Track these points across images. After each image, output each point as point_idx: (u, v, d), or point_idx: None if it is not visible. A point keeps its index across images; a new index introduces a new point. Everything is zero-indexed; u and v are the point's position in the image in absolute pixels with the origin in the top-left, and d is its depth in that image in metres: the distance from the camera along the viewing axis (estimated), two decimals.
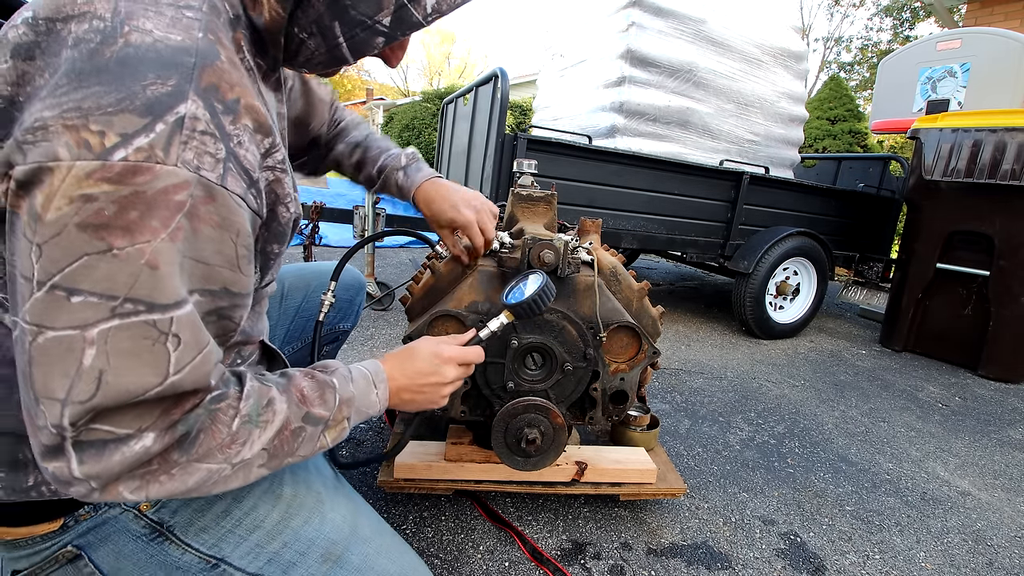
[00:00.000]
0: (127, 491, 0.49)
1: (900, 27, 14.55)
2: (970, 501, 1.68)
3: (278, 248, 0.63)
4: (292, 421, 0.59)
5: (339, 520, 0.69)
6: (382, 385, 0.71)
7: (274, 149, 0.56)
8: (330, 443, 0.63)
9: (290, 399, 0.59)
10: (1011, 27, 4.64)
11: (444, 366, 0.76)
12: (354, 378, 0.68)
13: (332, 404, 0.63)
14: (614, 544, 1.28)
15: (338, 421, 0.64)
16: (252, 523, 0.65)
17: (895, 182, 4.14)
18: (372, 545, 0.69)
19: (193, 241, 0.47)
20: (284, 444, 0.58)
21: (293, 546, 0.65)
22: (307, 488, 0.70)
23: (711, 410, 2.14)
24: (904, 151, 7.87)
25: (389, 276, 3.83)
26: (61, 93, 0.43)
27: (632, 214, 3.04)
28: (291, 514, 0.67)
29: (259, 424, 0.56)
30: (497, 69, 2.78)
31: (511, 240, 1.19)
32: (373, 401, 0.69)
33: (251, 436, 0.55)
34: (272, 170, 0.57)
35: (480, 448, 1.29)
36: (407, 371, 0.74)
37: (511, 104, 12.72)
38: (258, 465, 0.57)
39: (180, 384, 0.49)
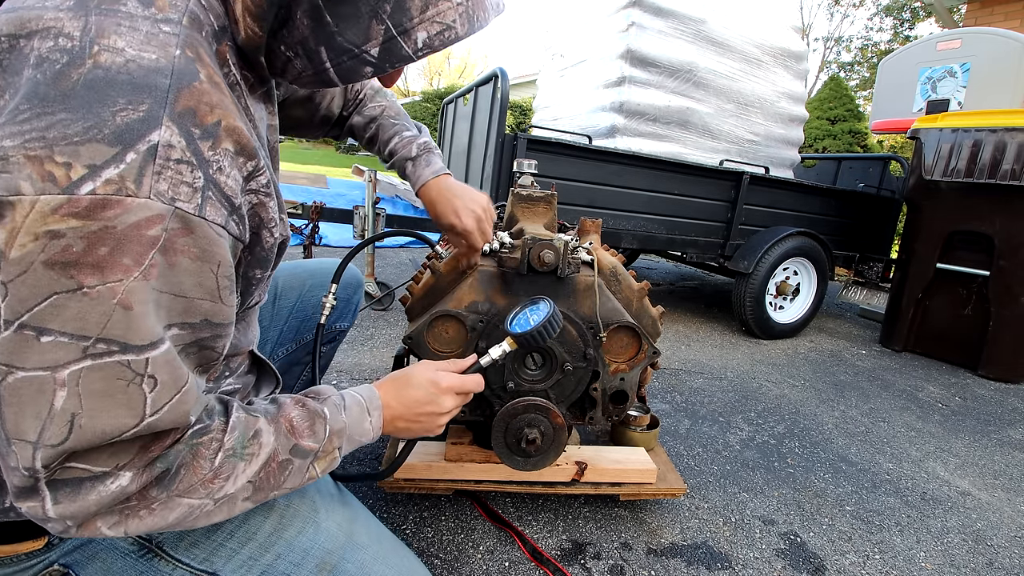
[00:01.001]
0: (105, 527, 0.48)
1: (900, 27, 14.56)
2: (970, 501, 1.68)
3: (261, 273, 0.62)
4: (279, 453, 0.57)
5: (334, 528, 0.68)
6: (376, 413, 0.68)
7: (258, 172, 0.54)
8: (319, 473, 0.62)
9: (278, 430, 0.58)
10: (1011, 27, 4.64)
11: (441, 396, 0.74)
12: (347, 406, 0.65)
13: (322, 436, 0.61)
14: (614, 544, 1.28)
15: (328, 452, 0.62)
16: (244, 535, 0.63)
17: (895, 182, 4.14)
18: (369, 552, 0.68)
19: (169, 276, 0.45)
20: (271, 477, 0.57)
21: (287, 557, 0.64)
22: (301, 497, 0.68)
23: (711, 410, 2.14)
24: (904, 151, 7.87)
25: (389, 276, 3.83)
26: (23, 120, 0.40)
27: (632, 214, 3.04)
28: (284, 524, 0.65)
29: (244, 457, 0.54)
30: (497, 69, 2.78)
31: (511, 240, 1.19)
32: (367, 429, 0.67)
33: (235, 470, 0.54)
34: (256, 193, 0.55)
35: (480, 448, 1.29)
36: (403, 399, 0.71)
37: (511, 104, 12.74)
38: (243, 499, 0.55)
39: (157, 424, 0.47)
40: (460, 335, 1.11)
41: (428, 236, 1.38)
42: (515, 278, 1.10)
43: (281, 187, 2.38)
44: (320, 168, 12.74)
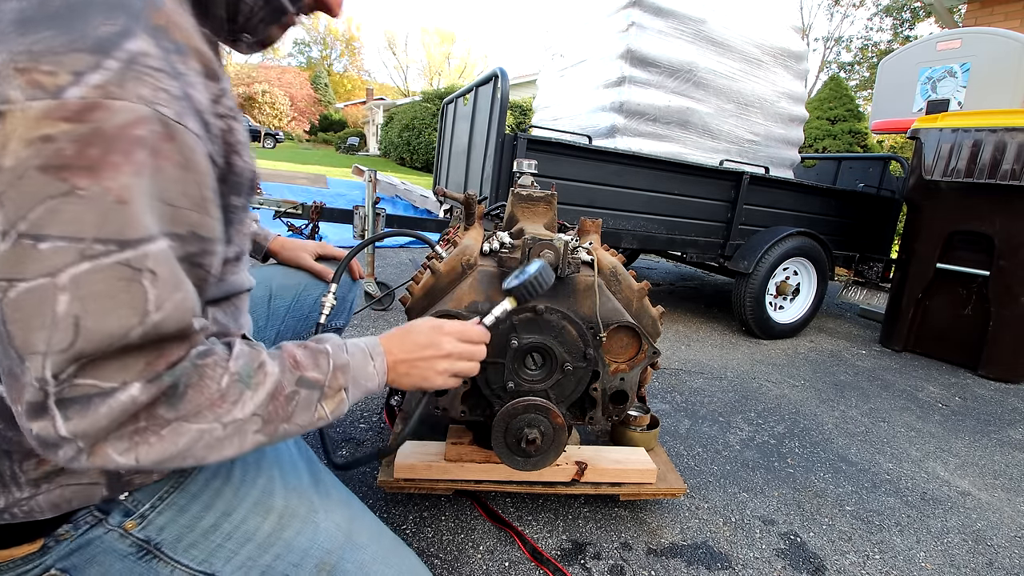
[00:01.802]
0: (116, 453, 0.48)
1: (900, 27, 14.56)
2: (970, 501, 1.68)
3: (237, 200, 0.61)
4: (286, 385, 0.58)
5: (333, 528, 0.67)
6: (379, 358, 0.69)
7: (223, 95, 0.56)
8: (329, 414, 0.62)
9: (282, 363, 0.59)
10: (1011, 27, 4.64)
11: (443, 338, 0.75)
12: (349, 350, 0.66)
13: (326, 368, 0.61)
14: (614, 544, 1.28)
15: (335, 390, 0.62)
16: (243, 536, 0.63)
17: (895, 182, 4.14)
18: (368, 551, 0.68)
19: (158, 179, 0.46)
20: (279, 409, 0.57)
21: (286, 558, 0.64)
22: (300, 497, 0.68)
23: (711, 410, 2.14)
24: (904, 151, 7.87)
25: (389, 276, 3.83)
26: (9, 40, 0.42)
27: (632, 214, 3.04)
28: (283, 525, 0.65)
29: (251, 385, 0.55)
30: (497, 69, 2.78)
31: (511, 240, 1.19)
32: (371, 373, 0.67)
33: (243, 396, 0.54)
34: (224, 118, 0.56)
35: (480, 448, 1.29)
36: (405, 344, 0.73)
37: (511, 104, 12.75)
38: (253, 431, 0.55)
39: (162, 325, 0.47)
40: None
41: (428, 236, 1.38)
42: None
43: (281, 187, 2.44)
44: (320, 168, 12.74)
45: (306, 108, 34.48)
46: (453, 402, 1.14)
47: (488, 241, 1.23)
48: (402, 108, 19.30)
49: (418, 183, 8.81)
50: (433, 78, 42.24)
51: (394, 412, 1.69)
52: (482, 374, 1.12)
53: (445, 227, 2.75)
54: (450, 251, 1.19)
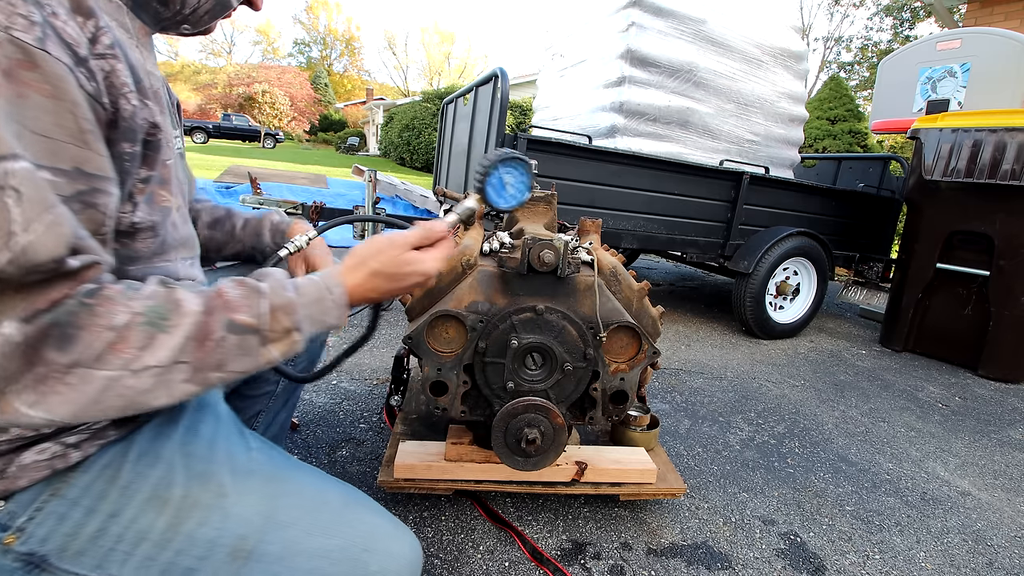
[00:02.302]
0: (24, 405, 0.46)
1: (900, 27, 14.56)
2: (970, 501, 1.68)
3: (129, 148, 0.58)
4: (213, 328, 0.54)
5: (247, 511, 0.63)
6: (337, 288, 0.64)
7: (100, 33, 0.53)
8: (279, 357, 0.59)
9: (208, 303, 0.54)
10: (1011, 27, 4.64)
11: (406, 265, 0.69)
12: (299, 285, 0.62)
13: (260, 311, 0.57)
14: (614, 544, 1.28)
15: (280, 333, 0.58)
16: (136, 536, 0.59)
17: (895, 182, 4.14)
18: (299, 527, 0.64)
19: (21, 107, 0.45)
20: (207, 355, 0.53)
21: (190, 552, 0.60)
22: (203, 483, 0.64)
23: (711, 410, 2.14)
24: (904, 151, 7.87)
25: None
26: None
27: (632, 214, 3.04)
28: (181, 518, 0.61)
29: (163, 328, 0.51)
30: (497, 69, 2.78)
31: (511, 240, 1.19)
32: (328, 307, 0.63)
33: (153, 340, 0.50)
34: (104, 58, 0.53)
35: (480, 448, 1.29)
36: (369, 264, 0.68)
37: (511, 104, 12.76)
38: (181, 380, 0.52)
39: (32, 249, 0.44)
40: (460, 335, 1.11)
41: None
42: (515, 278, 1.10)
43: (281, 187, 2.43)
44: (320, 168, 12.74)
45: (306, 108, 34.48)
46: (453, 402, 1.14)
47: (488, 241, 1.23)
48: (402, 108, 19.30)
49: (418, 183, 8.81)
50: (433, 78, 42.27)
51: (394, 412, 1.69)
52: (482, 374, 1.12)
53: None
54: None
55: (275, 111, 30.98)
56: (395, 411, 1.63)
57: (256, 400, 1.14)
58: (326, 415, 1.76)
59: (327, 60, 47.52)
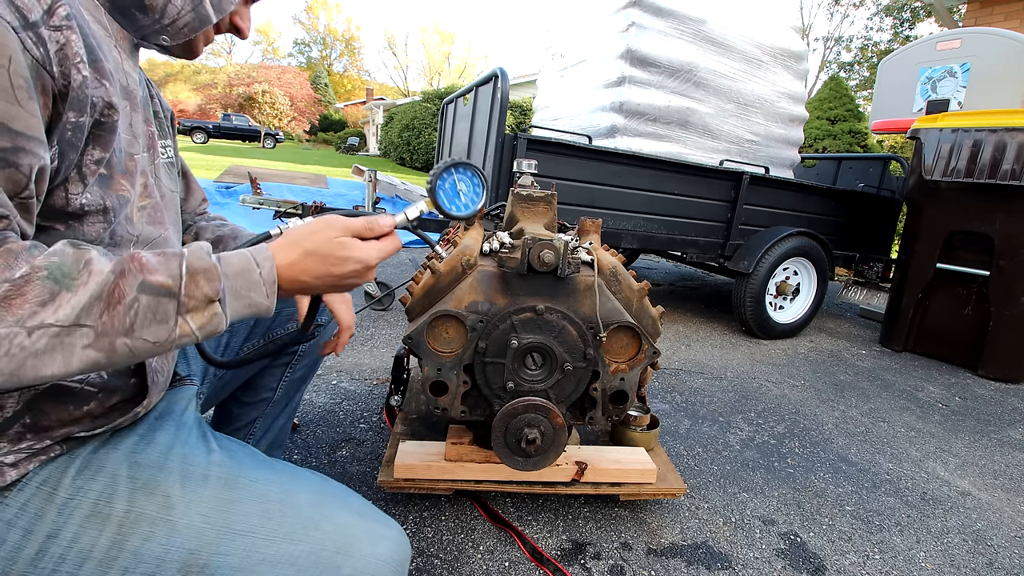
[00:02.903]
0: None
1: (900, 27, 14.56)
2: (970, 501, 1.68)
3: (75, 117, 0.55)
4: (125, 290, 0.49)
5: (198, 521, 0.60)
6: (267, 263, 0.58)
7: (57, 5, 0.53)
8: (196, 330, 0.53)
9: (122, 264, 0.50)
10: (1011, 27, 4.64)
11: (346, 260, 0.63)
12: (223, 257, 0.57)
13: (176, 272, 0.52)
14: (614, 544, 1.28)
15: (200, 301, 0.52)
16: (78, 556, 0.57)
17: (895, 182, 4.14)
18: (259, 534, 0.61)
19: None
20: (114, 319, 0.48)
21: (137, 569, 0.58)
22: (148, 495, 0.60)
23: (711, 410, 2.14)
24: (904, 151, 7.87)
25: (389, 276, 3.83)
26: None
27: (632, 214, 3.04)
28: (125, 534, 0.58)
29: (67, 286, 0.47)
30: (497, 69, 2.78)
31: (511, 240, 1.19)
32: (255, 281, 0.57)
33: (56, 298, 0.46)
34: (59, 30, 0.52)
35: (480, 448, 1.29)
36: (303, 244, 0.61)
37: (511, 104, 12.76)
38: (82, 345, 0.47)
39: None
40: (460, 335, 1.11)
41: (428, 236, 1.38)
42: (515, 278, 1.10)
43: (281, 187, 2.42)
44: (320, 168, 12.74)
45: (306, 108, 34.48)
46: (453, 402, 1.14)
47: (488, 241, 1.23)
48: (402, 108, 19.30)
49: (418, 183, 8.81)
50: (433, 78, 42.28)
51: (394, 412, 1.69)
52: (482, 374, 1.12)
53: (445, 227, 2.75)
54: (450, 251, 1.18)
55: (275, 111, 30.97)
56: (395, 411, 1.63)
57: (253, 407, 1.13)
58: (326, 415, 1.76)
59: (327, 60, 47.52)
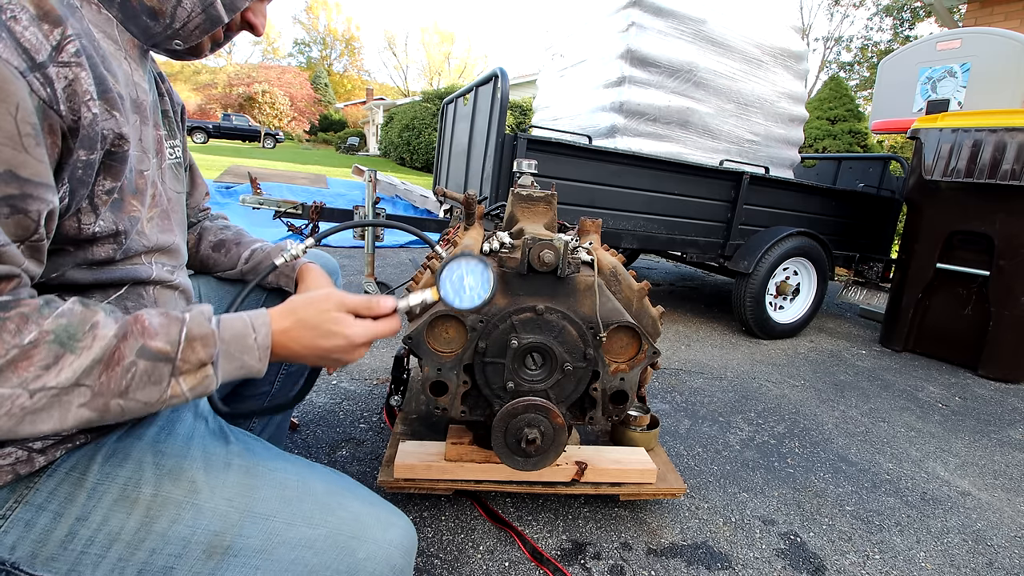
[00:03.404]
0: None
1: (900, 27, 14.56)
2: (970, 501, 1.68)
3: (85, 155, 0.56)
4: (125, 353, 0.52)
5: (222, 505, 0.62)
6: (263, 329, 0.61)
7: (66, 41, 0.52)
8: (187, 391, 0.55)
9: (125, 327, 0.53)
10: (1011, 27, 4.64)
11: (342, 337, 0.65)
12: (223, 319, 0.60)
13: (175, 338, 0.54)
14: (614, 544, 1.28)
15: (193, 365, 0.55)
16: (107, 538, 0.59)
17: (895, 182, 4.14)
18: (280, 518, 0.63)
19: None
20: (111, 381, 0.51)
21: (164, 550, 0.60)
22: (174, 480, 0.63)
23: (711, 410, 2.14)
24: (904, 151, 7.87)
25: (389, 276, 3.83)
26: None
27: (632, 214, 3.04)
28: (153, 517, 0.60)
29: (73, 348, 0.49)
30: (497, 69, 2.78)
31: (511, 240, 1.19)
32: (250, 346, 0.60)
33: (60, 360, 0.48)
34: (68, 66, 0.52)
35: (480, 448, 1.29)
36: (298, 313, 0.64)
37: (511, 104, 12.76)
38: (78, 404, 0.50)
39: None
40: (460, 335, 1.11)
41: (428, 236, 1.38)
42: (515, 278, 1.10)
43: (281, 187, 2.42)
44: (320, 168, 12.74)
45: (306, 108, 34.49)
46: (453, 402, 1.14)
47: (488, 241, 1.23)
48: (402, 108, 19.30)
49: (418, 183, 8.81)
50: (433, 78, 42.29)
51: (394, 412, 1.69)
52: (482, 374, 1.12)
53: (445, 227, 2.75)
54: (450, 251, 1.18)
55: (275, 111, 30.98)
56: (395, 411, 1.63)
57: (252, 400, 1.14)
58: (326, 415, 1.76)
59: (327, 60, 47.52)
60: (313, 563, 0.63)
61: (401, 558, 0.67)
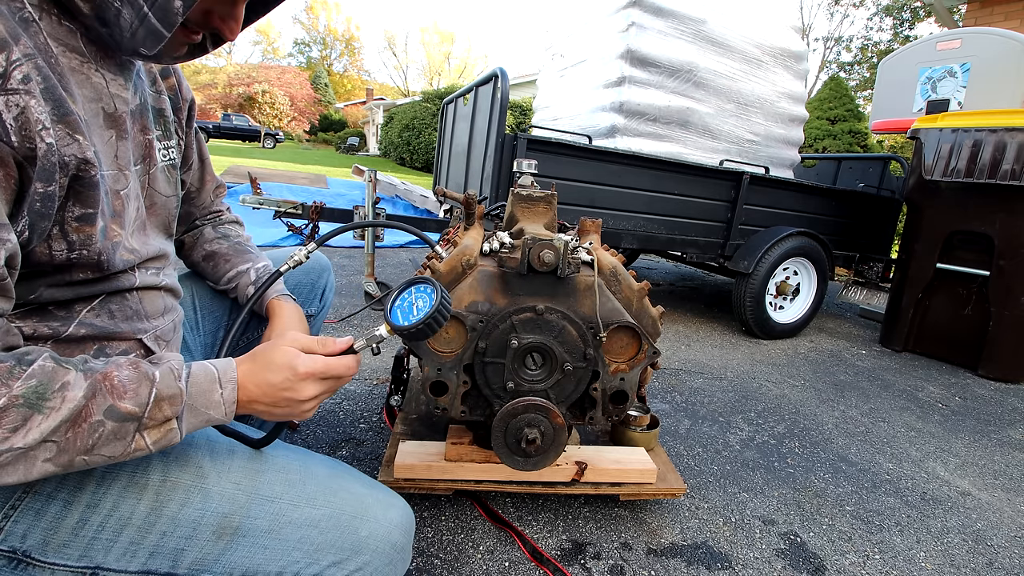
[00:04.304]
0: None
1: (900, 27, 14.57)
2: (970, 501, 1.68)
3: (43, 187, 0.54)
4: (92, 412, 0.52)
5: (230, 489, 0.64)
6: (229, 386, 0.62)
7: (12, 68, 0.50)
8: (151, 445, 0.56)
9: (94, 386, 0.53)
10: (1011, 27, 4.64)
11: (300, 382, 0.66)
12: (192, 374, 0.60)
13: (144, 400, 0.55)
14: (614, 544, 1.28)
15: (158, 421, 0.56)
16: (118, 523, 0.60)
17: (895, 182, 4.14)
18: (284, 500, 0.66)
19: None
20: (78, 438, 0.52)
21: (175, 533, 0.61)
22: (182, 466, 0.64)
23: (711, 410, 2.14)
24: (904, 151, 7.87)
25: (389, 276, 3.83)
26: None
27: (632, 214, 3.04)
28: (163, 501, 0.62)
29: (41, 409, 0.50)
30: (497, 69, 2.78)
31: (511, 240, 1.19)
32: (216, 402, 0.61)
33: (28, 422, 0.49)
34: (16, 93, 0.50)
35: (480, 448, 1.29)
36: (259, 381, 0.65)
37: (511, 104, 12.76)
38: (43, 459, 0.51)
39: None
40: (460, 335, 1.11)
41: (428, 236, 1.38)
42: (515, 278, 1.10)
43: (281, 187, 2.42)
44: (320, 168, 12.74)
45: (306, 108, 34.49)
46: (453, 402, 1.14)
47: (488, 241, 1.23)
48: (402, 108, 19.31)
49: (418, 183, 8.81)
50: (433, 78, 42.30)
51: (394, 412, 1.69)
52: (482, 374, 1.12)
53: (445, 227, 2.75)
54: (450, 251, 1.19)
55: (275, 111, 30.98)
56: (395, 411, 1.63)
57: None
58: (326, 415, 1.76)
59: (327, 60, 47.53)
60: (318, 541, 0.66)
61: (401, 536, 0.70)
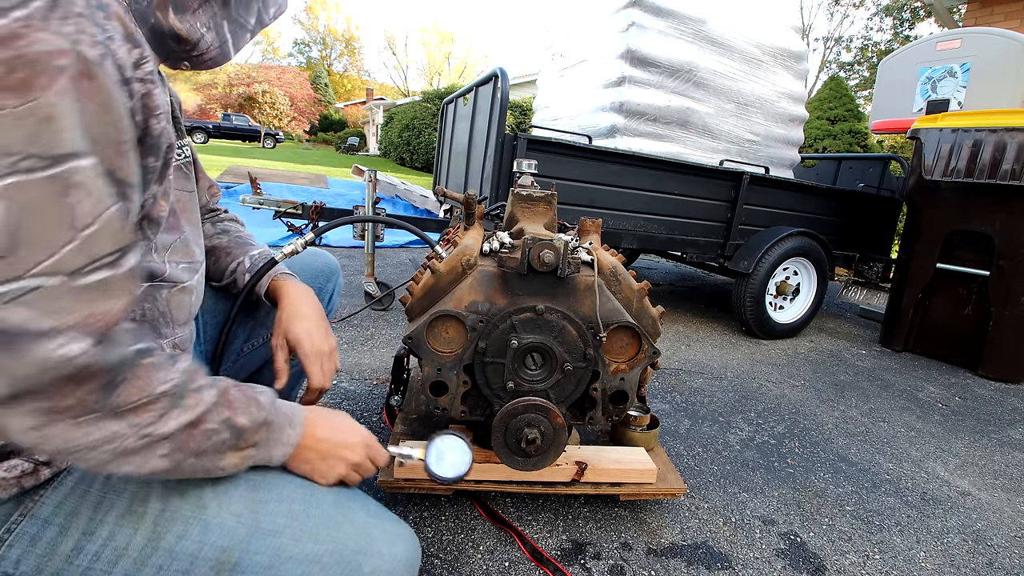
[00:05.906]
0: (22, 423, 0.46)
1: (900, 27, 14.57)
2: (970, 501, 1.68)
3: (153, 162, 0.61)
4: (211, 419, 0.56)
5: (230, 521, 0.63)
6: (298, 428, 0.67)
7: (143, 61, 0.56)
8: (227, 468, 0.60)
9: (220, 396, 0.58)
10: (1011, 27, 4.64)
11: (357, 447, 0.73)
12: (278, 406, 0.65)
13: (257, 419, 0.61)
14: (614, 544, 1.28)
15: (248, 444, 0.61)
16: (113, 554, 0.59)
17: (895, 182, 4.14)
18: (286, 534, 0.64)
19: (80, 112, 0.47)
20: (191, 440, 0.55)
21: (172, 566, 0.60)
22: (182, 495, 0.63)
23: (711, 410, 2.14)
24: (904, 151, 7.87)
25: (389, 276, 3.83)
26: None
27: (632, 214, 3.04)
28: (160, 532, 0.60)
29: (181, 405, 0.54)
30: (497, 69, 2.78)
31: (511, 240, 1.19)
32: (284, 441, 0.65)
33: (169, 412, 0.53)
34: (143, 82, 0.56)
35: (480, 448, 1.28)
36: (325, 431, 0.70)
37: (511, 104, 12.76)
38: (160, 455, 0.53)
39: (95, 240, 0.48)
40: (460, 335, 1.11)
41: (428, 236, 1.38)
42: (515, 278, 1.10)
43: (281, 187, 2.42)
44: (320, 168, 12.74)
45: (306, 108, 34.49)
46: (453, 402, 1.14)
47: (488, 241, 1.23)
48: (402, 108, 19.31)
49: (418, 183, 8.81)
50: (433, 78, 42.30)
51: (394, 412, 1.69)
52: (482, 374, 1.12)
53: (445, 227, 2.75)
54: (450, 251, 1.19)
55: (275, 111, 30.98)
56: (395, 411, 1.63)
57: None
58: None
59: (327, 60, 47.53)
60: None
61: (406, 572, 0.68)
